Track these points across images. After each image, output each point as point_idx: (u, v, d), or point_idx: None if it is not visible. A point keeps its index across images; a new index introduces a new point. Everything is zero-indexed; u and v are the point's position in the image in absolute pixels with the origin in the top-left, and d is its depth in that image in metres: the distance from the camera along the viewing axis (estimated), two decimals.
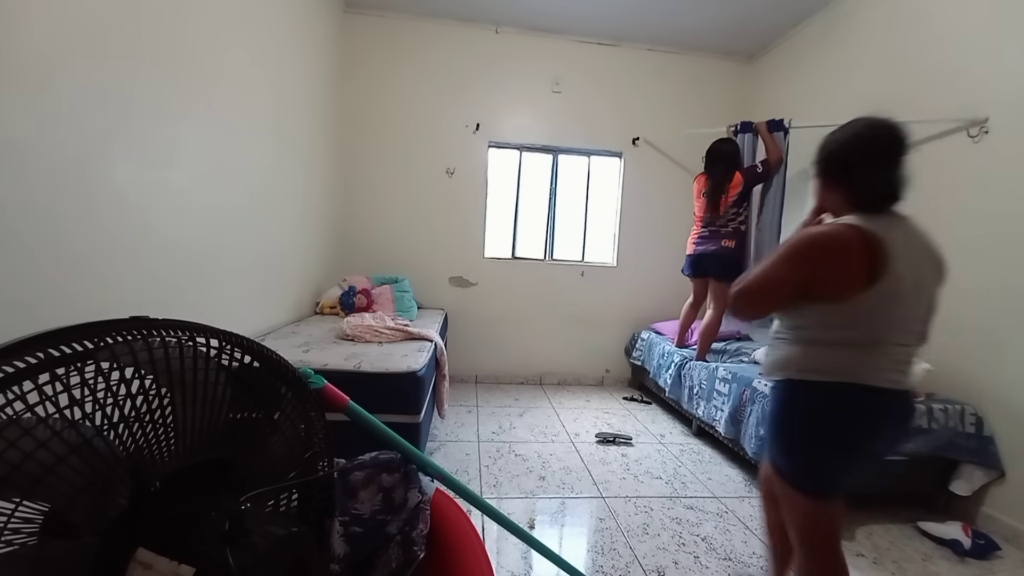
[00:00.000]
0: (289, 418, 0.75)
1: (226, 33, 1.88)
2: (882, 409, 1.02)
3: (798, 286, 1.02)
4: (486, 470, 2.23)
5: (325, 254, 3.30)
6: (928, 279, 1.04)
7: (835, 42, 2.95)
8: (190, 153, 1.70)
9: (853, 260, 0.96)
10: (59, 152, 1.17)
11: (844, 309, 0.99)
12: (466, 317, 3.66)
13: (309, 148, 2.88)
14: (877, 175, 1.02)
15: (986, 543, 1.76)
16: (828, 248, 0.99)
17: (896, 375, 1.01)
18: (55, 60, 1.14)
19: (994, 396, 1.97)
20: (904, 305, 0.99)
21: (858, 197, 1.04)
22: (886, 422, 1.04)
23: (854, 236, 0.97)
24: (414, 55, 3.48)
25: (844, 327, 1.01)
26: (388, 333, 2.30)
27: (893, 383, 1.00)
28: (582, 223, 3.88)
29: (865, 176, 1.03)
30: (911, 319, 1.02)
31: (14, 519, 0.49)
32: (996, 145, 2.01)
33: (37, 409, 0.48)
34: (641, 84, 3.70)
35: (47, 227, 1.15)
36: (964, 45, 2.17)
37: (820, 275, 0.99)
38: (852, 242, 0.97)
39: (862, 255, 0.96)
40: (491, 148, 3.66)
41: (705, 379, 2.64)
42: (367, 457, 0.92)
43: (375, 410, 0.95)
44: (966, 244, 2.11)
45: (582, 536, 1.80)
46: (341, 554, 0.79)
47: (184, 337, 0.59)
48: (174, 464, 0.60)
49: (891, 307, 0.98)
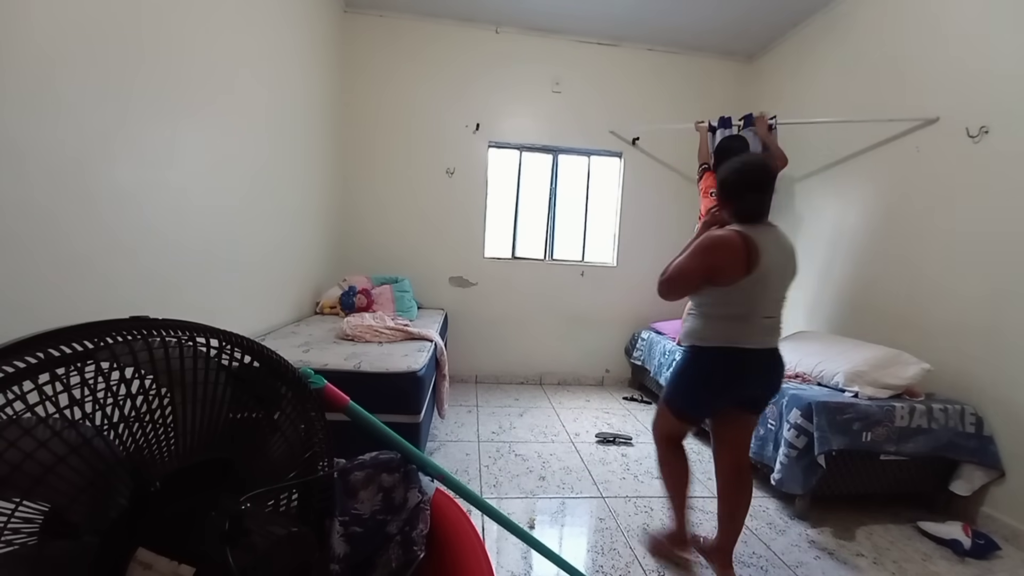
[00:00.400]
0: (289, 418, 0.75)
1: (226, 33, 1.88)
2: (752, 363, 1.43)
3: (703, 274, 1.41)
4: (486, 470, 2.23)
5: (325, 254, 3.30)
6: (786, 271, 1.45)
7: (835, 42, 2.95)
8: (190, 153, 1.70)
9: (737, 255, 1.35)
10: (59, 152, 1.17)
11: (729, 291, 1.39)
12: (466, 317, 3.66)
13: (309, 148, 2.88)
14: (748, 199, 1.43)
15: (986, 543, 1.76)
16: (722, 247, 1.38)
17: (762, 339, 1.43)
18: (55, 60, 1.14)
19: (994, 396, 1.97)
20: (769, 289, 1.40)
21: (739, 213, 1.45)
22: (756, 372, 1.46)
23: (738, 239, 1.37)
24: (414, 55, 3.48)
25: (728, 304, 1.42)
26: (388, 333, 2.30)
27: (761, 344, 1.42)
28: (582, 223, 3.88)
29: (741, 200, 1.44)
30: (773, 299, 1.44)
31: (14, 519, 0.49)
32: (996, 145, 2.01)
33: (37, 409, 0.48)
34: (641, 84, 3.70)
35: (47, 227, 1.15)
36: (964, 45, 2.17)
37: (717, 265, 1.38)
38: (737, 243, 1.36)
39: (742, 252, 1.35)
40: (491, 148, 3.65)
41: None
42: (367, 457, 0.92)
43: (375, 410, 0.95)
44: (966, 244, 2.11)
45: (582, 536, 1.80)
46: (341, 554, 0.79)
47: (184, 337, 0.59)
48: (174, 464, 0.60)
49: (759, 290, 1.38)
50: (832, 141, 2.90)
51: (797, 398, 1.96)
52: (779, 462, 1.94)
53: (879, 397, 1.99)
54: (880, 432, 1.89)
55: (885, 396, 2.00)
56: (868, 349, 2.18)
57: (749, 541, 1.78)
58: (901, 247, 2.42)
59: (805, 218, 3.12)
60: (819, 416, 1.86)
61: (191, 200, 1.72)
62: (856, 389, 2.01)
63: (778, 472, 1.94)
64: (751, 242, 1.35)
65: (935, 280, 2.23)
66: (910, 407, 1.94)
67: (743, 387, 1.47)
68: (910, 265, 2.36)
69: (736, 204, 1.45)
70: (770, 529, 1.88)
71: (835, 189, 2.88)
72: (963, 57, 2.17)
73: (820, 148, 3.00)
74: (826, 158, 2.96)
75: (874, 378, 2.03)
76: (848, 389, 2.04)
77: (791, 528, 1.89)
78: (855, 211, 2.72)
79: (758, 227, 1.41)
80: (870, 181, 2.63)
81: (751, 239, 1.35)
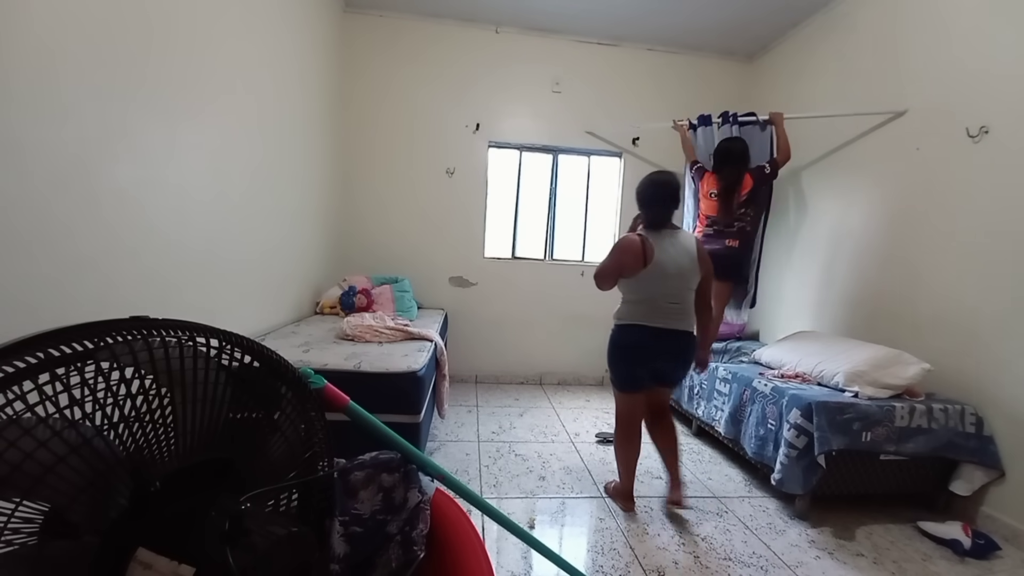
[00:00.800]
0: (289, 418, 0.75)
1: (226, 33, 1.88)
2: (657, 340, 1.82)
3: (615, 269, 1.83)
4: (486, 470, 2.23)
5: (325, 254, 3.30)
6: (683, 265, 1.80)
7: (835, 42, 2.95)
8: (190, 152, 1.70)
9: (636, 253, 1.78)
10: (60, 151, 1.17)
11: (635, 281, 1.81)
12: (466, 317, 3.66)
13: (309, 148, 2.88)
14: (653, 210, 1.85)
15: (986, 543, 1.76)
16: (626, 247, 1.81)
17: (666, 320, 1.81)
18: (56, 59, 1.14)
19: (994, 396, 1.97)
20: (668, 279, 1.79)
21: (646, 220, 1.88)
22: (662, 348, 1.83)
23: (638, 240, 1.79)
24: (414, 55, 3.48)
25: (636, 291, 1.84)
26: (388, 333, 2.30)
27: (664, 324, 1.81)
28: (582, 223, 3.88)
29: (648, 210, 1.86)
30: (674, 287, 1.80)
31: (14, 519, 0.49)
32: (996, 145, 2.01)
33: (37, 409, 0.48)
34: (641, 84, 3.70)
35: (47, 227, 1.15)
36: (964, 45, 2.17)
37: (623, 262, 1.80)
38: (636, 244, 1.79)
39: (640, 251, 1.77)
40: (491, 148, 3.65)
41: (706, 379, 2.64)
42: (367, 457, 0.92)
43: (375, 410, 0.95)
44: (966, 243, 2.11)
45: (582, 536, 1.80)
46: (341, 554, 0.79)
47: (184, 337, 0.59)
48: (174, 464, 0.60)
49: (657, 280, 1.79)
50: (832, 142, 2.90)
51: (797, 398, 1.96)
52: (779, 462, 1.94)
53: (879, 397, 1.99)
54: (880, 432, 1.89)
55: (885, 396, 2.00)
56: (868, 349, 2.18)
57: (749, 541, 1.78)
58: (901, 247, 2.42)
59: (807, 218, 3.12)
60: (819, 416, 1.86)
61: (191, 199, 1.72)
62: (856, 389, 2.01)
63: (778, 472, 1.94)
64: (648, 243, 1.78)
65: (935, 280, 2.23)
66: (910, 407, 1.94)
67: (651, 359, 1.85)
68: (910, 265, 2.36)
69: (644, 213, 1.88)
70: (770, 529, 1.88)
71: (836, 191, 2.88)
72: (963, 57, 2.17)
73: (820, 150, 3.01)
74: (826, 160, 2.96)
75: (874, 378, 2.03)
76: (848, 389, 2.04)
77: (791, 528, 1.89)
78: (856, 212, 2.72)
79: (661, 231, 1.83)
80: (870, 182, 2.63)
81: (648, 241, 1.79)
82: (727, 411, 2.37)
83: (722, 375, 2.50)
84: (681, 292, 1.80)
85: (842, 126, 2.81)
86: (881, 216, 2.55)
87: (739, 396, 2.31)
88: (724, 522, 1.91)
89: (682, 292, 1.80)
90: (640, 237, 1.79)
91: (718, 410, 2.48)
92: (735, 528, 1.87)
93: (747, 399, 2.25)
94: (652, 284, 1.78)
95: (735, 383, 2.37)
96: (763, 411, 2.12)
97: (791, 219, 3.25)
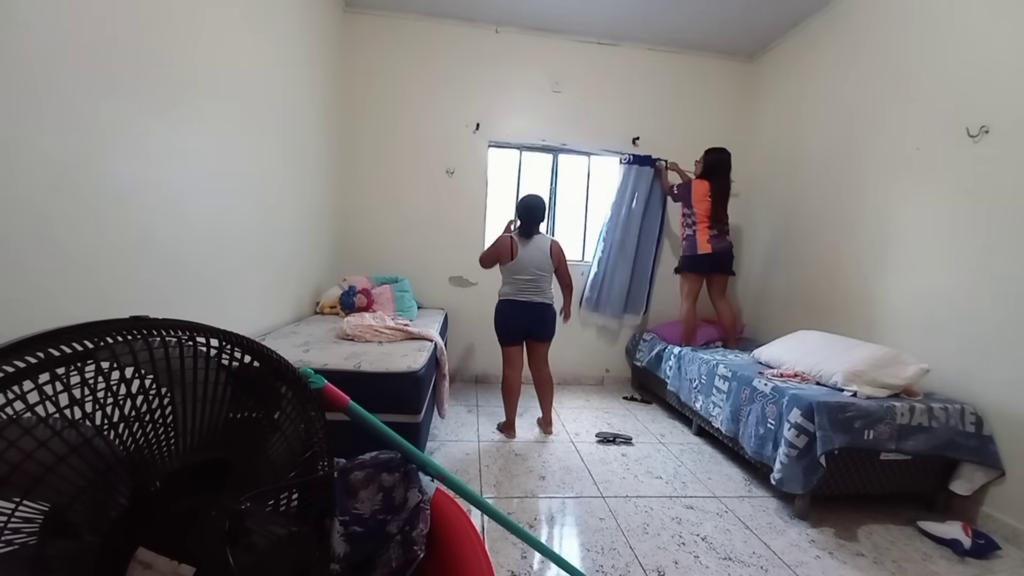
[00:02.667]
0: (289, 418, 0.75)
1: (226, 33, 1.88)
2: (519, 309, 2.56)
3: (494, 257, 2.59)
4: (486, 470, 2.23)
5: (325, 254, 3.30)
6: (539, 260, 2.54)
7: (835, 41, 2.95)
8: (190, 152, 1.70)
9: (507, 248, 2.54)
10: (60, 151, 1.17)
11: (506, 269, 2.58)
12: (466, 317, 3.65)
13: (309, 147, 2.88)
14: (524, 222, 2.59)
15: (986, 543, 1.76)
16: (501, 244, 2.57)
17: (527, 295, 2.55)
18: (57, 59, 1.14)
19: (994, 396, 1.97)
20: (527, 267, 2.53)
21: (519, 228, 2.61)
22: (524, 312, 2.56)
23: (508, 240, 2.56)
24: (414, 55, 3.48)
25: (507, 274, 2.59)
26: (388, 333, 2.30)
27: (526, 298, 2.55)
28: (582, 223, 3.88)
29: (521, 221, 2.61)
30: (532, 274, 2.54)
31: (14, 519, 0.49)
32: (996, 145, 2.01)
33: (37, 409, 0.48)
34: (641, 84, 3.70)
35: (47, 226, 1.15)
36: (964, 44, 2.17)
37: (499, 253, 2.57)
38: (507, 242, 2.55)
39: (510, 248, 2.54)
40: (491, 148, 3.65)
41: (705, 373, 2.65)
42: (367, 457, 0.92)
43: (375, 410, 0.95)
44: (965, 243, 2.11)
45: (582, 536, 1.79)
46: (341, 554, 0.79)
47: (184, 337, 0.59)
48: (174, 464, 0.60)
49: (521, 267, 2.54)
50: (832, 141, 2.90)
51: (797, 398, 1.96)
52: (779, 462, 1.94)
53: (877, 396, 1.99)
54: (882, 430, 1.89)
55: (883, 396, 2.00)
56: (867, 349, 2.18)
57: (749, 540, 1.78)
58: (900, 247, 2.42)
59: (805, 218, 3.12)
60: (821, 415, 1.86)
61: (192, 200, 1.72)
62: (855, 388, 2.01)
63: (778, 472, 1.94)
64: (515, 243, 2.54)
65: (934, 280, 2.23)
66: (910, 405, 1.94)
67: (518, 322, 2.58)
68: (909, 265, 2.36)
69: (519, 223, 2.62)
70: (770, 529, 1.88)
71: (835, 190, 2.88)
72: (963, 57, 2.17)
73: (820, 149, 3.01)
74: (826, 159, 2.96)
75: (872, 378, 2.03)
76: (846, 388, 2.04)
77: (791, 528, 1.89)
78: (855, 212, 2.72)
79: (528, 235, 2.57)
80: (869, 181, 2.63)
81: (515, 241, 2.55)
82: (727, 409, 2.38)
83: (722, 372, 2.50)
84: (537, 277, 2.55)
85: (842, 126, 2.82)
86: (881, 216, 2.55)
87: (739, 395, 2.31)
88: (724, 522, 1.91)
89: (538, 277, 2.55)
90: (510, 238, 2.56)
91: (716, 406, 2.49)
92: (735, 527, 1.87)
93: (747, 398, 2.25)
94: (517, 270, 2.54)
95: (735, 381, 2.38)
96: (763, 410, 2.12)
97: (788, 219, 3.25)
